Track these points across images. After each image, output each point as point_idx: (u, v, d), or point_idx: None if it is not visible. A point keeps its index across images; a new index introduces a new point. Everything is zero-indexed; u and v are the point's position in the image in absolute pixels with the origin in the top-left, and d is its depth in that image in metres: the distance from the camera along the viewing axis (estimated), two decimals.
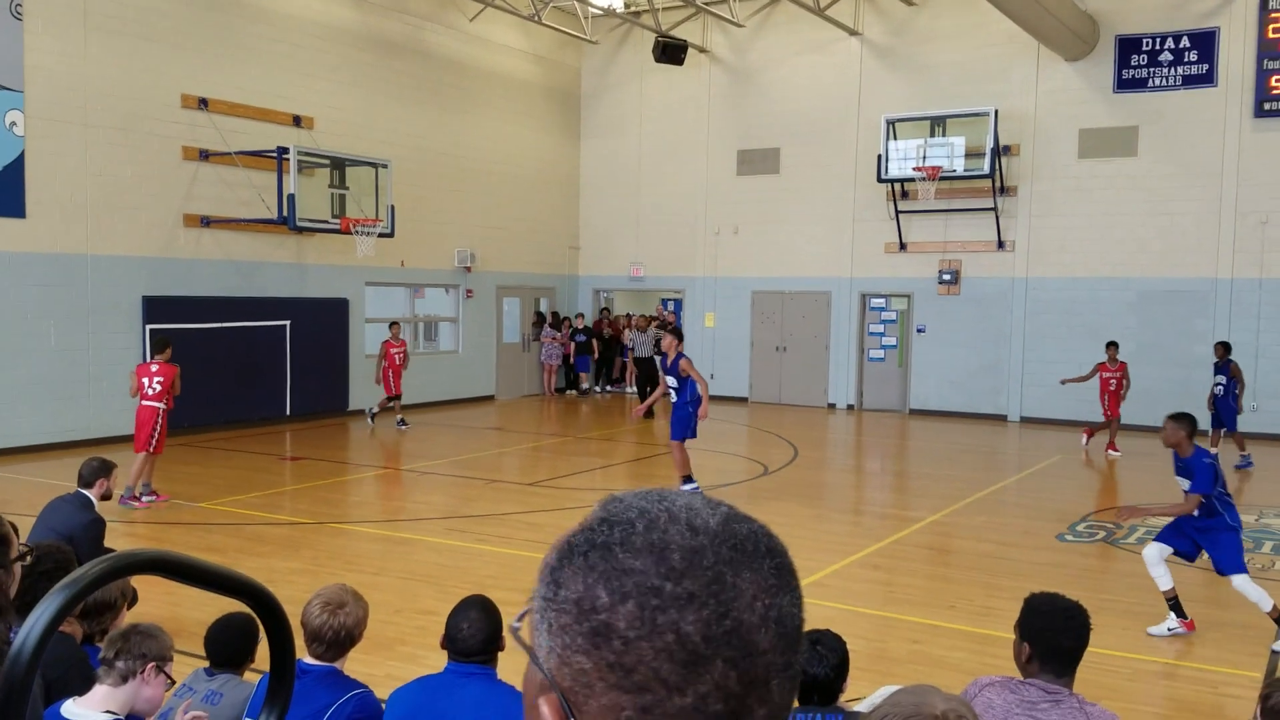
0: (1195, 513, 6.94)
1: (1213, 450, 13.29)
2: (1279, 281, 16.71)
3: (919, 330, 19.76)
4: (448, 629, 3.52)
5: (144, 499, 10.53)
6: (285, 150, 15.56)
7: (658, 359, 18.15)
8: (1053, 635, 3.30)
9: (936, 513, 10.90)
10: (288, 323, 16.92)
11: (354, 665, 5.24)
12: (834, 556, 8.88)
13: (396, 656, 6.22)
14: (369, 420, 17.01)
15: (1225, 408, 14.05)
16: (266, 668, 1.40)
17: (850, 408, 20.42)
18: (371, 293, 18.95)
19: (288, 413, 17.07)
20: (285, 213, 15.53)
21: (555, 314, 22.58)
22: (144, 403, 10.61)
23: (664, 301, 23.17)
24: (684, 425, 11.12)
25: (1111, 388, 15.02)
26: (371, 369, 17.53)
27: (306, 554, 8.82)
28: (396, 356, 16.69)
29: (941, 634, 7.00)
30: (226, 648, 3.93)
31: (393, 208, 17.14)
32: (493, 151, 20.93)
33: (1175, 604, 7.03)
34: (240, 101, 16.10)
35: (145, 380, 10.68)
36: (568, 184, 23.13)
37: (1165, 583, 7.05)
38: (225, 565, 1.30)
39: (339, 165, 16.98)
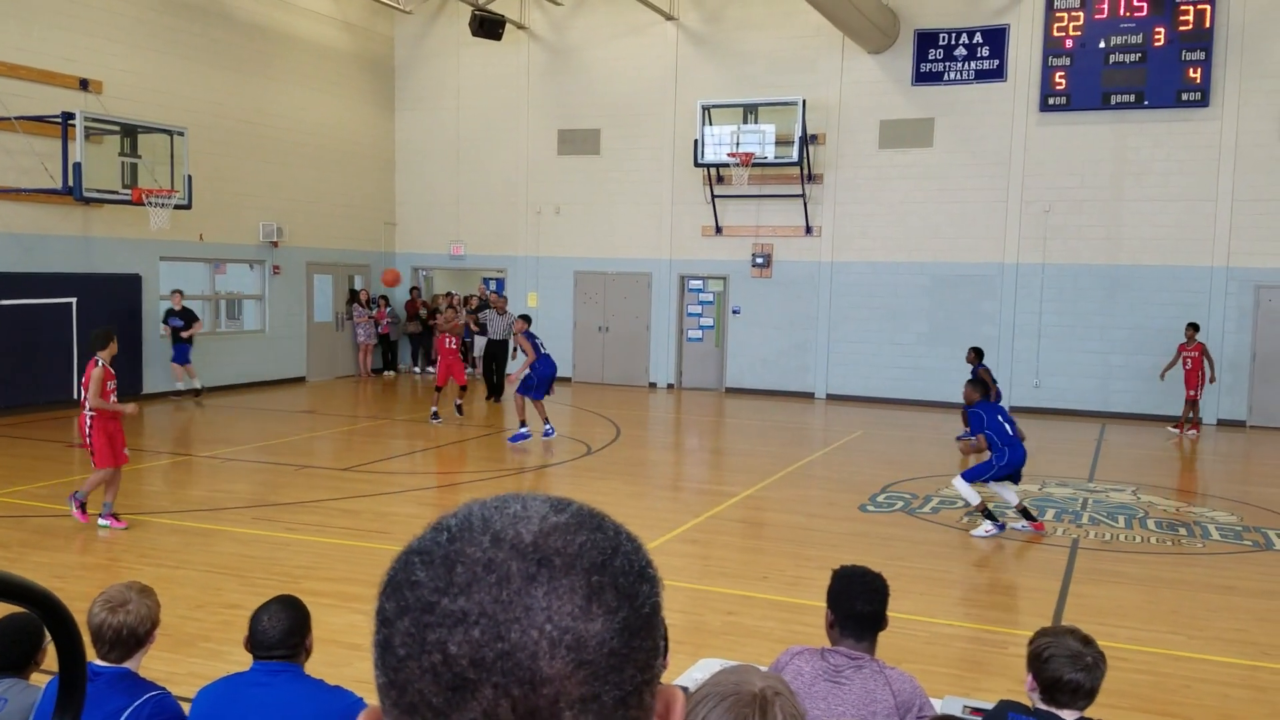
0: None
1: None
2: (1059, 266, 18.06)
3: (734, 311, 20.30)
4: (250, 626, 3.44)
5: None
6: (71, 116, 14.52)
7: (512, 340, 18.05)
8: (850, 601, 3.47)
9: (750, 487, 11.26)
10: (74, 300, 15.78)
11: (155, 664, 4.97)
12: (655, 533, 9.04)
13: (199, 653, 5.93)
14: (434, 421, 15.44)
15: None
16: (55, 669, 1.30)
17: (670, 387, 20.80)
18: (166, 268, 17.90)
19: (75, 396, 15.93)
20: (71, 182, 14.51)
21: (366, 292, 21.96)
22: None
23: (486, 280, 22.90)
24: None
25: (1187, 367, 15.65)
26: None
27: (99, 548, 8.27)
28: (448, 342, 15.58)
29: (754, 604, 7.24)
30: (9, 651, 3.64)
31: (189, 178, 16.24)
32: (300, 121, 20.09)
33: (988, 512, 9.23)
34: (20, 63, 14.86)
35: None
36: (382, 158, 22.48)
37: (974, 498, 9.28)
38: (8, 564, 1.20)
39: (130, 132, 15.95)
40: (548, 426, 13.69)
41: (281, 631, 3.38)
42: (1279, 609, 7.45)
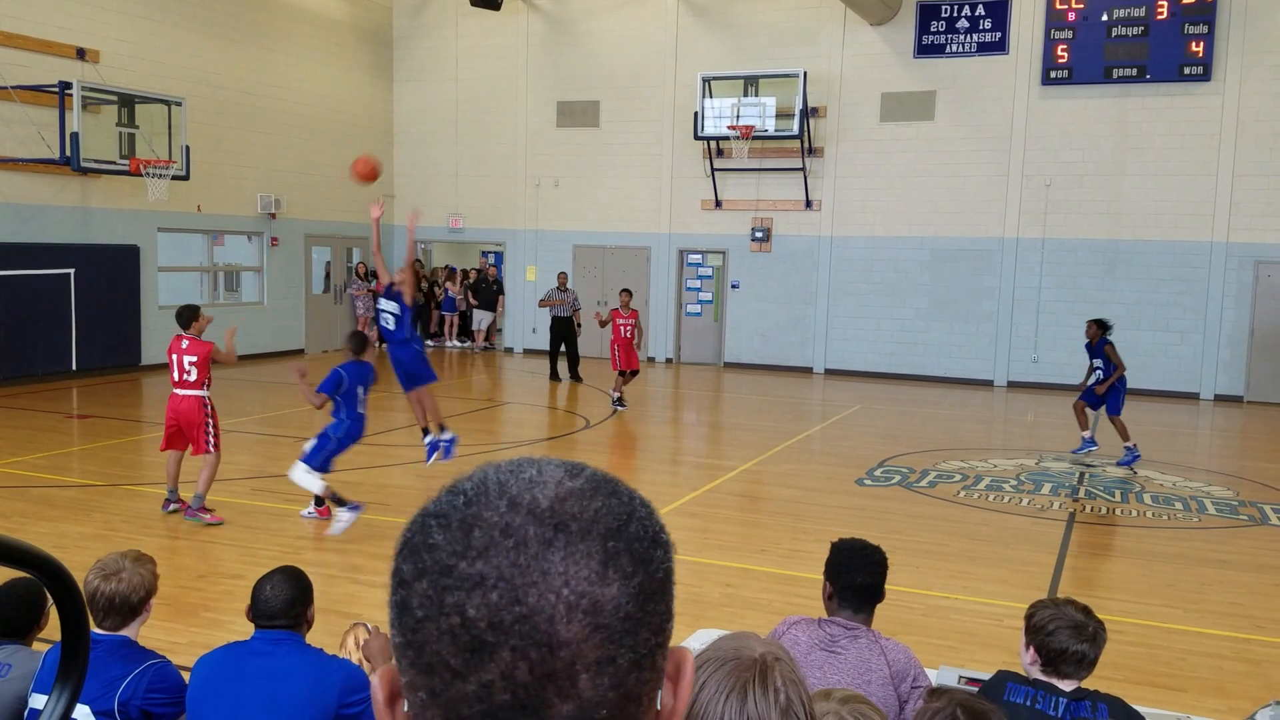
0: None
1: (1086, 434, 11.68)
2: (1059, 241, 18.02)
3: (733, 286, 20.27)
4: (252, 595, 3.46)
5: None
6: (68, 85, 14.47)
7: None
8: (850, 573, 3.49)
9: (748, 461, 11.29)
10: (71, 271, 15.76)
11: (156, 633, 5.00)
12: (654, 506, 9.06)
13: (201, 623, 5.96)
14: (615, 407, 14.68)
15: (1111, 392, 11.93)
16: (56, 636, 1.31)
17: (669, 361, 20.81)
18: (165, 239, 17.86)
19: (74, 367, 15.95)
20: (68, 153, 14.48)
21: (364, 265, 21.91)
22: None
23: (485, 253, 22.86)
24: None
25: None
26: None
27: (99, 518, 8.30)
28: (624, 329, 14.79)
29: (752, 577, 7.28)
30: (12, 617, 3.67)
31: (187, 148, 16.18)
32: (298, 92, 19.97)
33: (336, 499, 7.99)
34: (16, 32, 14.76)
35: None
36: (381, 129, 22.37)
37: (318, 486, 8.08)
38: (9, 533, 1.21)
39: (128, 102, 15.87)
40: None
41: (284, 601, 3.40)
42: (1273, 583, 7.50)
